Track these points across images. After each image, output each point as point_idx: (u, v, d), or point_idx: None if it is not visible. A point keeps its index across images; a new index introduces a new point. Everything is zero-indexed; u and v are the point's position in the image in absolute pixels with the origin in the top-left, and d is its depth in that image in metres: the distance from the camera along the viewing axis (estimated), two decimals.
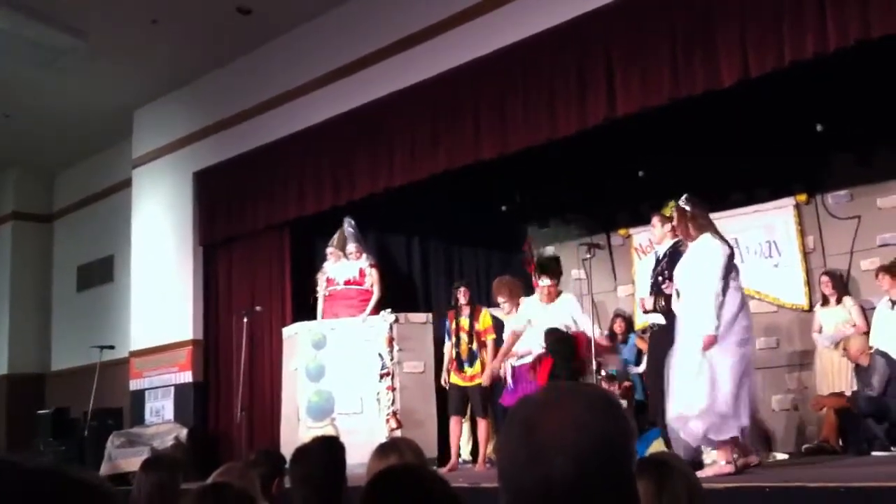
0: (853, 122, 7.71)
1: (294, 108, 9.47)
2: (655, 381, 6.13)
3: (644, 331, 8.78)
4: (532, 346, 7.05)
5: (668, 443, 6.11)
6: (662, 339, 6.02)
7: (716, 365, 5.49)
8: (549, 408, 1.34)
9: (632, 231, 9.78)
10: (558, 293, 7.15)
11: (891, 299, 7.58)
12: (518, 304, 7.64)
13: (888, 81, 6.90)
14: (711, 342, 5.47)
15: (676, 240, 6.20)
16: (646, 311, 6.40)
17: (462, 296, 7.80)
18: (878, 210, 8.31)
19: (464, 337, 7.67)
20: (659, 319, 6.16)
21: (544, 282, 7.06)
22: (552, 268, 7.19)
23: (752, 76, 6.18)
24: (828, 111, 7.59)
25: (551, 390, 1.45)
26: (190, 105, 10.90)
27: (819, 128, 7.69)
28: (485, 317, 7.76)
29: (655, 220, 6.37)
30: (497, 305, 7.98)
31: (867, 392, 7.01)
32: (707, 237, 5.74)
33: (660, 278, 6.15)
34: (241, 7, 9.12)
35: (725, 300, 5.56)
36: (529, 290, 7.85)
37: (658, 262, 6.34)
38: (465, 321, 7.74)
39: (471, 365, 7.62)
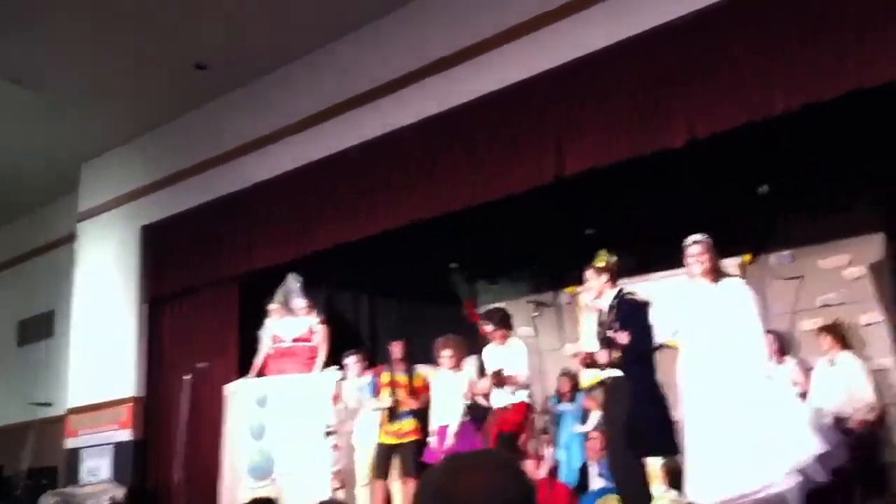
0: (795, 183, 7.85)
1: (245, 162, 9.47)
2: (615, 432, 5.98)
3: (591, 389, 8.76)
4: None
5: (624, 499, 6.05)
6: (622, 391, 5.87)
7: (779, 393, 5.40)
8: (460, 473, 1.41)
9: (579, 289, 9.80)
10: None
11: (830, 359, 7.67)
12: (461, 361, 7.62)
13: (830, 144, 7.04)
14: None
15: (619, 289, 6.13)
16: (590, 366, 6.23)
17: (396, 351, 7.77)
18: (820, 270, 8.45)
19: (400, 393, 7.60)
20: (612, 373, 5.98)
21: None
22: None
23: (700, 137, 6.26)
24: (771, 172, 7.73)
25: (457, 458, 1.52)
26: (141, 158, 10.84)
27: (762, 189, 7.83)
28: (419, 374, 7.76)
29: (590, 273, 6.20)
30: (435, 363, 7.88)
31: None
32: (738, 281, 5.67)
33: (609, 332, 5.95)
34: (198, 63, 9.14)
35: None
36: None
37: (603, 314, 6.13)
38: (401, 377, 7.69)
39: (407, 420, 7.53)
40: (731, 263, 8.78)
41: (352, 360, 8.26)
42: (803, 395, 7.74)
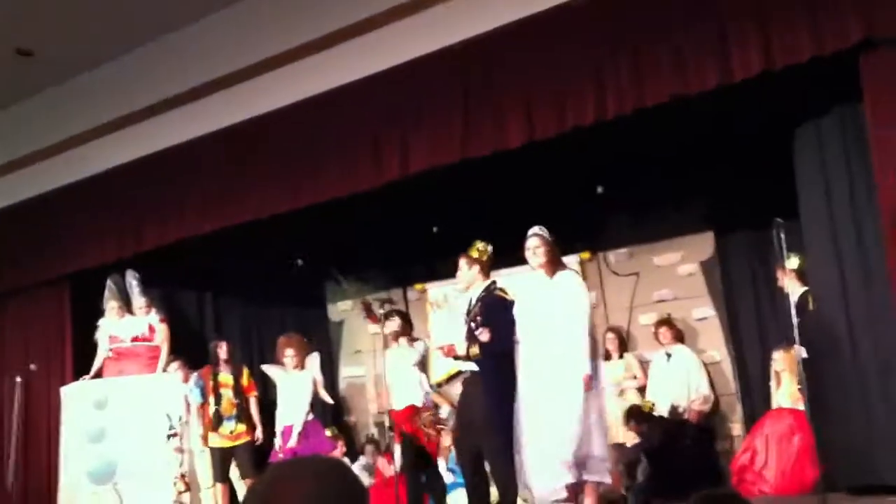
0: (631, 184, 8.15)
1: (75, 155, 9.02)
2: (466, 427, 6.00)
3: (440, 385, 8.87)
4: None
5: (472, 492, 6.10)
6: (477, 388, 5.87)
7: (590, 409, 5.34)
8: (282, 483, 1.42)
9: (427, 286, 9.91)
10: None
11: (667, 352, 8.03)
12: (304, 360, 7.58)
13: (663, 146, 7.34)
14: (590, 381, 5.30)
15: (489, 282, 6.06)
16: (456, 358, 6.11)
17: (222, 351, 7.69)
18: (656, 267, 8.82)
19: (227, 394, 7.54)
20: (469, 367, 5.96)
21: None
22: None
23: (537, 139, 6.39)
24: (608, 173, 8.00)
25: (284, 465, 1.55)
26: None
27: (599, 189, 8.10)
28: (246, 374, 7.71)
29: (462, 262, 6.11)
30: (279, 363, 7.80)
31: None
32: (571, 275, 5.64)
33: (472, 324, 5.88)
34: (21, 49, 8.65)
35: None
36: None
37: (472, 306, 6.04)
38: (227, 377, 7.63)
39: (238, 422, 7.48)
40: (570, 261, 9.06)
41: (173, 368, 8.12)
42: (642, 390, 8.10)
